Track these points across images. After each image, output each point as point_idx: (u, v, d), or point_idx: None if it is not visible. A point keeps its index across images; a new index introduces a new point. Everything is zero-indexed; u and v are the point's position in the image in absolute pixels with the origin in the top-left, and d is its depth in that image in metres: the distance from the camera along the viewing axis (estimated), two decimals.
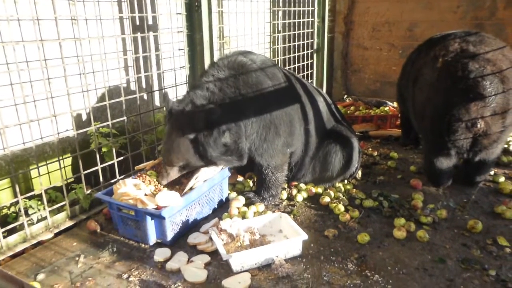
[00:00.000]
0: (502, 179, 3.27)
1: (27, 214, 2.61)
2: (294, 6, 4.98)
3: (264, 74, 2.82)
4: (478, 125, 2.80)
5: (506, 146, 3.84)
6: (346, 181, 3.31)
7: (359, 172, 3.43)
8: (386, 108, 5.15)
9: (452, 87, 2.84)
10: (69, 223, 2.75)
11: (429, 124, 3.10)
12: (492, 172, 3.38)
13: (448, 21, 5.15)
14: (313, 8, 5.18)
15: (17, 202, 2.54)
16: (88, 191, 2.89)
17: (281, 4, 5.00)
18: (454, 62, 2.91)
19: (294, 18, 4.96)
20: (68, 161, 3.14)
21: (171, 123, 2.61)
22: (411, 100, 3.49)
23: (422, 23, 5.40)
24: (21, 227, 2.55)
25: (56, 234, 2.65)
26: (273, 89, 2.81)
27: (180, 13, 3.40)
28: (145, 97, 3.65)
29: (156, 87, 3.78)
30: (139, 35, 3.46)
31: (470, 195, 3.08)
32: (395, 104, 5.13)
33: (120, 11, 3.40)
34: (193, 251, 2.46)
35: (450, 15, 5.18)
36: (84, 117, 3.21)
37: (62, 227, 2.70)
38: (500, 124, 2.84)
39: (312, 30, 5.26)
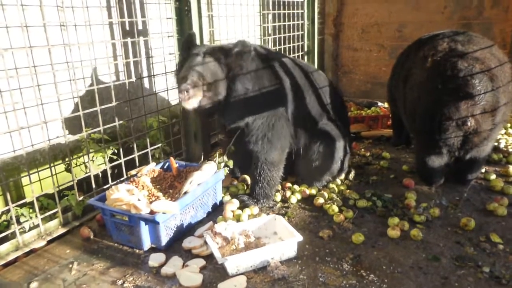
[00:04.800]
0: (493, 176, 3.30)
1: (18, 222, 2.58)
2: (284, 9, 4.99)
3: (290, 62, 3.09)
4: (469, 123, 2.82)
5: (496, 143, 3.89)
6: (339, 182, 3.32)
7: (352, 173, 3.44)
8: (377, 109, 5.18)
9: (442, 86, 2.87)
10: (62, 230, 2.72)
11: (420, 123, 3.13)
12: (483, 170, 3.41)
13: (436, 21, 5.21)
14: (302, 11, 5.20)
15: (8, 211, 2.51)
16: (81, 198, 2.86)
17: (270, 7, 5.02)
18: (443, 61, 2.94)
19: (284, 21, 4.98)
20: (59, 168, 3.11)
21: (203, 52, 2.76)
22: (402, 100, 3.51)
23: (410, 24, 5.45)
24: (13, 235, 2.51)
25: (49, 242, 2.62)
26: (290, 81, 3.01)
27: (170, 18, 3.39)
28: (137, 102, 3.63)
29: (147, 92, 3.76)
30: (129, 40, 3.45)
31: (462, 193, 3.11)
32: (386, 105, 5.17)
33: (110, 16, 3.39)
34: (188, 255, 2.44)
35: (438, 15, 5.24)
36: (75, 123, 3.18)
37: (55, 235, 2.67)
38: (490, 122, 2.88)
39: (302, 32, 5.28)
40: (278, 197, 3.10)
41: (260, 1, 5.01)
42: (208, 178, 2.80)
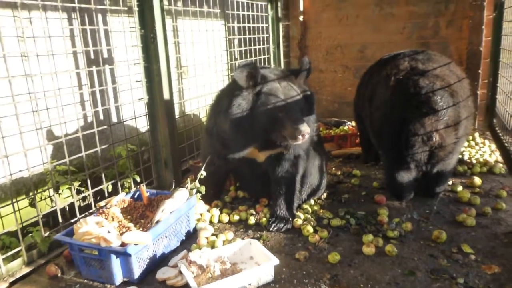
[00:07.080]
0: (460, 188, 3.39)
1: None
2: (249, 34, 5.08)
3: None
4: (434, 138, 2.91)
5: (460, 156, 4.02)
6: (313, 202, 3.32)
7: (325, 192, 3.46)
8: (346, 128, 5.27)
9: (406, 104, 2.96)
10: (26, 270, 2.57)
11: (387, 140, 3.20)
12: (450, 182, 3.51)
13: (396, 41, 5.43)
14: (267, 35, 5.32)
15: None
16: (47, 233, 2.73)
17: (236, 33, 5.10)
18: (405, 79, 3.04)
19: (250, 45, 5.06)
20: (23, 203, 2.97)
21: (278, 78, 2.80)
22: (368, 119, 3.59)
23: (372, 45, 5.66)
24: None
25: (12, 283, 2.46)
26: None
27: (135, 45, 3.38)
28: (104, 131, 3.55)
29: (114, 120, 3.69)
30: (94, 68, 3.40)
31: (432, 206, 3.17)
32: (354, 123, 5.28)
33: (74, 45, 3.34)
34: (163, 287, 2.36)
35: (397, 36, 5.47)
36: (39, 156, 3.07)
37: (18, 275, 2.51)
38: (453, 136, 2.98)
39: (269, 56, 5.38)
40: (252, 220, 3.06)
41: (225, 27, 5.08)
42: (181, 205, 2.75)
